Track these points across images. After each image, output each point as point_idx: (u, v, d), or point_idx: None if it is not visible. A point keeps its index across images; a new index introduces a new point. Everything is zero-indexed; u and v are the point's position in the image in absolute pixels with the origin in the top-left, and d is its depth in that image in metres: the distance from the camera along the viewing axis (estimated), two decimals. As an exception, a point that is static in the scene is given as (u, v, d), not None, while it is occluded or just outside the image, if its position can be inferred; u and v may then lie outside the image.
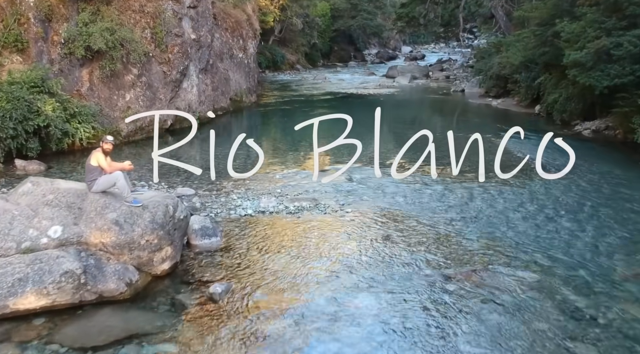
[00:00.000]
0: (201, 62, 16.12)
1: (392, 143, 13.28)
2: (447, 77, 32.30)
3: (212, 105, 17.41)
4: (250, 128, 16.26)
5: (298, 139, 13.99)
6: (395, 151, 12.61)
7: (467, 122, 16.92)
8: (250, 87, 20.90)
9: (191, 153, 12.11)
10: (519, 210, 8.45)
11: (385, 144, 13.43)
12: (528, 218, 8.13)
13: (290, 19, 36.50)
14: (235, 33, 19.70)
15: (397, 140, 13.89)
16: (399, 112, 19.58)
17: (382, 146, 11.87)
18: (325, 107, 20.38)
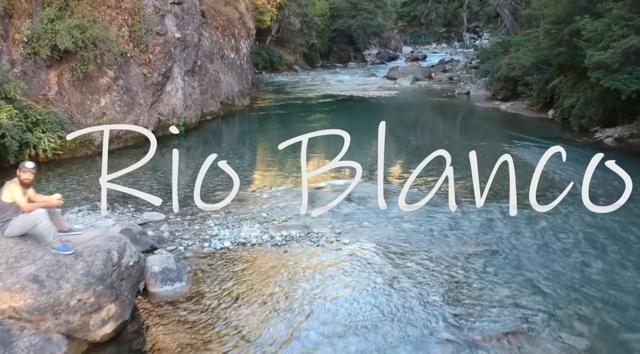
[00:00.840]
0: (187, 63, 14.69)
1: (397, 155, 11.82)
2: (450, 78, 30.87)
3: (201, 109, 15.99)
4: (240, 135, 14.83)
5: (291, 149, 12.56)
6: (401, 165, 11.15)
7: (477, 128, 15.49)
8: (243, 89, 19.47)
9: (163, 169, 10.62)
10: (556, 245, 6.92)
11: (388, 155, 12.01)
12: (568, 255, 6.64)
13: (287, 18, 35.06)
14: (226, 32, 18.26)
15: (402, 151, 12.47)
16: (402, 117, 18.16)
17: (386, 158, 10.45)
18: (323, 112, 18.96)
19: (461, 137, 13.92)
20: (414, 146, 13.23)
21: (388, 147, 12.68)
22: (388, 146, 12.78)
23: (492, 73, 21.61)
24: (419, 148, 12.85)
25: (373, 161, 10.63)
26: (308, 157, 5.92)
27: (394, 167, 11.02)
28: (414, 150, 12.73)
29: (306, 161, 5.26)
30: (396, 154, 12.34)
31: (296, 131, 15.13)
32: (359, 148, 12.36)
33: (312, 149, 11.01)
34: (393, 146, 13.15)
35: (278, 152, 12.20)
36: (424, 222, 7.70)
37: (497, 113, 18.52)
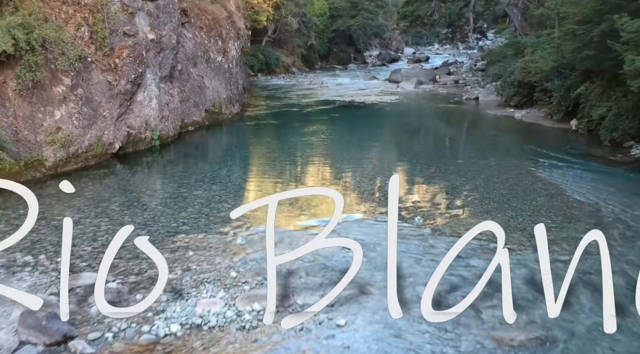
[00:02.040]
0: (163, 68, 12.75)
1: (407, 180, 9.87)
2: (455, 81, 28.89)
3: (181, 119, 14.05)
4: (223, 151, 12.85)
5: (279, 168, 10.65)
6: (410, 196, 9.18)
7: (493, 142, 13.54)
8: (232, 95, 17.52)
9: (127, 198, 8.70)
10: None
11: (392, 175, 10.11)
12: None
13: (284, 18, 33.11)
14: (212, 33, 16.32)
15: (411, 173, 10.50)
16: (406, 128, 16.21)
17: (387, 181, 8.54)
18: (319, 121, 17.02)
19: (477, 154, 11.98)
20: (424, 165, 11.30)
21: (391, 165, 10.73)
22: (391, 165, 10.84)
23: (505, 77, 19.64)
24: (430, 167, 10.91)
25: (377, 198, 8.71)
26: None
27: (402, 199, 9.09)
28: (424, 171, 10.80)
29: (273, 238, 3.22)
30: (406, 177, 10.39)
31: (288, 146, 13.15)
32: (360, 173, 10.46)
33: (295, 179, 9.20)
34: (399, 165, 11.22)
35: (263, 175, 10.27)
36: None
37: (512, 122, 16.56)
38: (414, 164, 11.26)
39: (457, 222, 7.56)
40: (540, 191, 9.01)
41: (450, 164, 11.05)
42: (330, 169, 10.89)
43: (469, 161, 11.30)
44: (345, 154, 11.98)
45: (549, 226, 7.38)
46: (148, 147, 12.19)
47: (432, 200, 8.56)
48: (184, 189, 9.13)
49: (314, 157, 11.76)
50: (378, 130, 15.35)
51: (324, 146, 12.88)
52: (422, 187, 9.32)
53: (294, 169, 10.68)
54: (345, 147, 12.70)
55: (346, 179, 9.99)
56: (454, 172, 10.38)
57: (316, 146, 12.96)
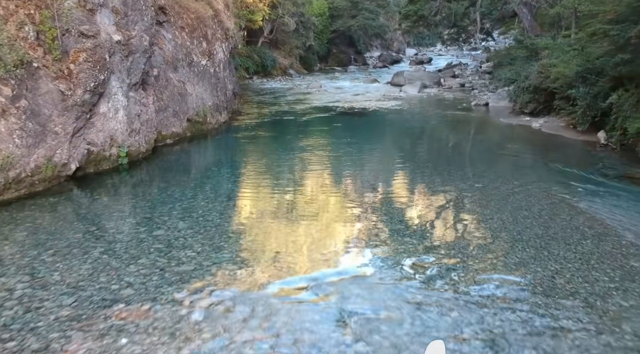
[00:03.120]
0: (133, 74, 10.93)
1: (421, 223, 8.01)
2: (461, 85, 27.07)
3: (157, 131, 12.25)
4: (201, 172, 10.88)
5: (266, 202, 8.80)
6: (420, 240, 7.13)
7: (514, 159, 11.62)
8: (219, 102, 15.70)
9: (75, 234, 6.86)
10: None
11: (400, 206, 8.17)
12: None
13: (281, 17, 31.31)
14: (195, 33, 14.50)
15: (421, 205, 8.60)
16: (414, 141, 14.35)
17: (397, 215, 6.79)
18: (316, 132, 15.18)
19: (497, 176, 10.14)
20: (438, 191, 9.47)
21: (400, 193, 8.91)
22: (400, 192, 9.02)
23: (519, 82, 17.81)
24: (446, 193, 9.08)
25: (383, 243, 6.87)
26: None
27: (415, 244, 7.26)
28: (439, 200, 8.96)
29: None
30: (419, 212, 8.55)
31: (280, 165, 11.19)
32: (366, 205, 8.64)
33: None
34: (409, 193, 9.37)
35: (245, 206, 8.43)
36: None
37: (530, 133, 14.72)
38: (425, 192, 9.42)
39: (486, 280, 5.74)
40: (584, 230, 7.18)
41: (469, 189, 9.21)
42: (331, 198, 9.07)
43: (489, 185, 9.46)
44: (346, 177, 10.17)
45: (606, 286, 5.58)
46: (114, 166, 10.38)
47: (451, 245, 6.74)
48: (143, 226, 7.31)
49: (310, 182, 9.94)
50: (381, 144, 13.53)
51: (322, 166, 11.05)
52: (439, 225, 7.48)
53: (286, 198, 8.85)
54: (346, 167, 10.88)
55: (350, 214, 8.16)
56: (473, 201, 8.55)
57: (313, 165, 11.14)
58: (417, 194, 9.13)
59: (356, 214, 7.96)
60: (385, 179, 10.08)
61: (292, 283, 5.65)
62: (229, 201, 8.61)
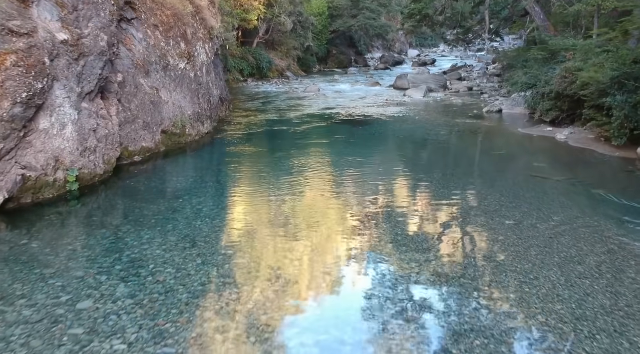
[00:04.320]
0: (86, 80, 8.92)
1: (440, 286, 5.93)
2: (469, 88, 25.08)
3: (122, 147, 10.28)
4: (168, 200, 8.69)
5: (246, 252, 6.76)
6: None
7: (550, 184, 9.54)
8: (201, 111, 13.70)
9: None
10: None
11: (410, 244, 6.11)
12: None
13: (277, 17, 29.31)
14: (172, 32, 12.50)
15: (450, 274, 6.52)
16: (423, 157, 12.31)
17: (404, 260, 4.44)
18: (310, 147, 13.15)
19: (530, 207, 8.14)
20: (462, 236, 7.48)
21: (410, 231, 6.87)
22: (410, 230, 6.97)
23: (538, 87, 15.81)
24: (472, 234, 7.08)
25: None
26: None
27: (433, 314, 5.28)
28: (464, 249, 6.95)
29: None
30: (438, 268, 6.55)
31: (264, 194, 9.14)
32: (368, 242, 6.67)
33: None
34: (424, 236, 7.35)
35: (209, 265, 6.40)
36: None
37: (556, 147, 12.70)
38: (446, 236, 7.42)
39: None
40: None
41: (498, 228, 7.22)
42: (329, 241, 7.11)
43: (523, 221, 7.46)
44: (348, 208, 8.16)
45: None
46: (60, 193, 8.40)
47: (486, 331, 4.74)
48: (66, 294, 5.33)
49: (303, 221, 7.94)
50: (385, 163, 11.52)
51: (319, 196, 9.02)
52: (467, 295, 5.46)
53: (272, 245, 6.87)
54: (345, 199, 8.85)
55: (349, 258, 6.18)
56: (507, 249, 6.54)
57: (308, 193, 9.12)
58: (435, 240, 7.12)
59: (365, 285, 5.96)
60: (392, 216, 8.07)
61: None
62: (192, 249, 6.60)
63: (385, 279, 5.77)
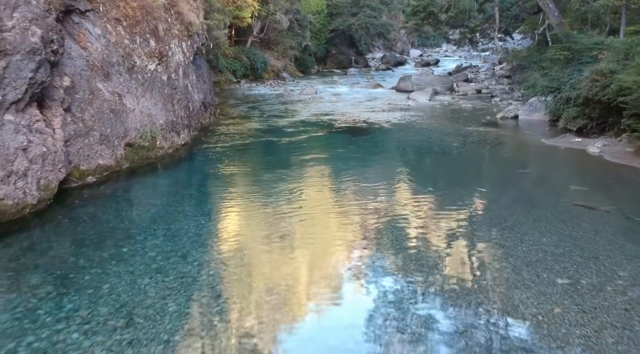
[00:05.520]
0: (10, 86, 6.95)
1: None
2: (478, 91, 23.06)
3: (72, 166, 8.30)
4: (109, 247, 6.69)
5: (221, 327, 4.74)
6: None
7: (598, 216, 7.49)
8: (177, 119, 11.71)
9: None
10: None
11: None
12: None
13: (273, 14, 27.29)
14: (138, 28, 10.51)
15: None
16: (435, 178, 10.23)
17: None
18: (303, 166, 11.12)
19: (585, 257, 6.17)
20: (495, 296, 5.50)
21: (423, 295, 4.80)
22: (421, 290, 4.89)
23: (563, 91, 13.81)
24: (510, 304, 5.09)
25: None
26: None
27: None
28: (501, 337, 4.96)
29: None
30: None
31: (250, 233, 6.80)
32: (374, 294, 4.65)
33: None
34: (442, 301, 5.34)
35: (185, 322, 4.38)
36: None
37: (590, 163, 10.69)
38: (485, 309, 5.43)
39: None
40: None
41: (548, 291, 5.24)
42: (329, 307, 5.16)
43: (580, 280, 5.47)
44: (350, 265, 6.16)
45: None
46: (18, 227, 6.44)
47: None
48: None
49: (293, 270, 5.98)
50: (390, 184, 9.50)
51: (312, 236, 7.01)
52: None
53: (255, 321, 4.90)
54: (344, 238, 6.85)
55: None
56: (570, 328, 4.56)
57: (300, 232, 7.11)
58: (471, 314, 5.12)
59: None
60: (403, 256, 6.09)
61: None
62: (125, 331, 4.59)
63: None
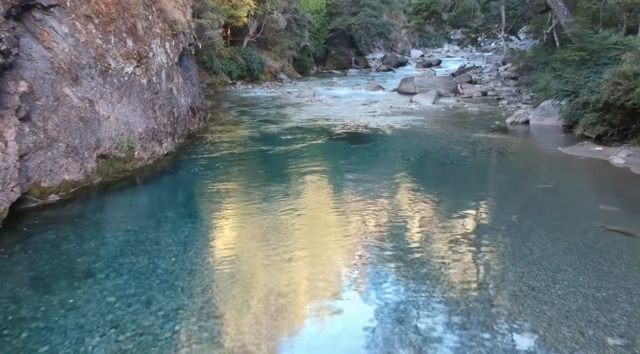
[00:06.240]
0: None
1: None
2: (483, 93, 21.94)
3: (31, 183, 7.19)
4: (66, 285, 5.57)
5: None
6: None
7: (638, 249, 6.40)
8: (159, 127, 10.58)
9: None
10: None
11: None
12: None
13: (270, 13, 26.15)
14: (113, 26, 9.38)
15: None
16: (445, 197, 9.02)
17: None
18: (297, 181, 9.96)
19: (632, 301, 5.02)
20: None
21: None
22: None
23: (581, 95, 12.67)
24: None
25: None
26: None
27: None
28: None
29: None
30: None
31: (234, 270, 5.53)
32: None
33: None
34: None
35: None
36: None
37: (616, 176, 9.55)
38: None
39: None
40: None
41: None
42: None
43: (636, 339, 4.33)
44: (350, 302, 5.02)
45: None
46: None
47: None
48: None
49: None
50: (394, 201, 8.37)
51: (308, 265, 5.88)
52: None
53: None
54: (343, 272, 5.72)
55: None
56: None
57: (298, 278, 5.96)
58: None
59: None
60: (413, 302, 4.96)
61: None
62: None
63: None
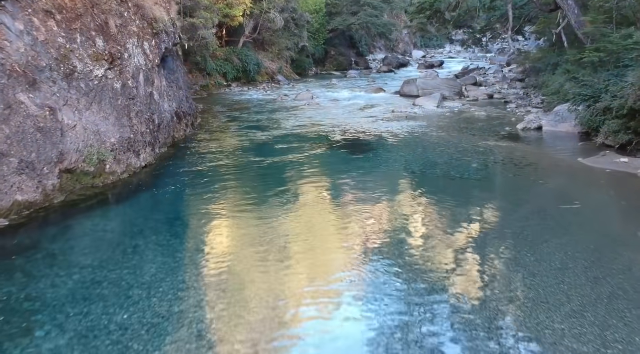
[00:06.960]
0: None
1: None
2: (489, 96, 20.78)
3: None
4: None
5: None
6: None
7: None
8: (135, 136, 9.42)
9: None
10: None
11: None
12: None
13: (267, 13, 25.00)
14: (79, 23, 8.23)
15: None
16: (456, 220, 7.80)
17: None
18: (290, 201, 8.78)
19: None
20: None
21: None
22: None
23: (603, 100, 11.51)
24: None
25: None
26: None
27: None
28: None
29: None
30: None
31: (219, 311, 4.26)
32: None
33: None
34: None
35: None
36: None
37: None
38: None
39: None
40: None
41: None
42: None
43: None
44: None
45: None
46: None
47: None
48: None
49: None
50: (396, 224, 7.21)
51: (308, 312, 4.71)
52: None
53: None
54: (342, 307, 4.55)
55: None
56: None
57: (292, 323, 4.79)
58: None
59: None
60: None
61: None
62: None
63: None
